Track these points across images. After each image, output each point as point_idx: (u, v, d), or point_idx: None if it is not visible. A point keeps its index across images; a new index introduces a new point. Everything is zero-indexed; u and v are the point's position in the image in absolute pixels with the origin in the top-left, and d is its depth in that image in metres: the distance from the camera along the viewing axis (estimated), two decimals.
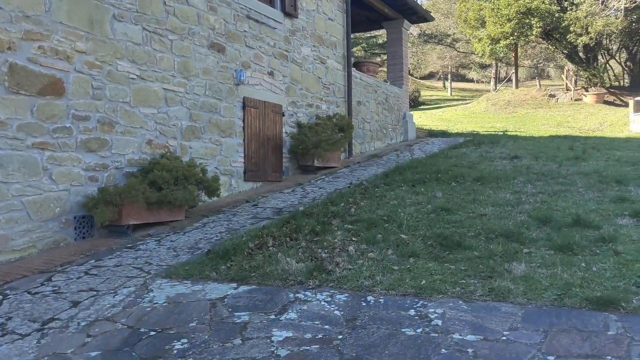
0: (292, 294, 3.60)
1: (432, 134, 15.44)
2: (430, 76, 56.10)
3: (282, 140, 8.71)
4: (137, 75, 6.05)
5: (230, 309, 3.43)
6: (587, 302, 3.16)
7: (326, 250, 4.49)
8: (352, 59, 11.60)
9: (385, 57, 20.29)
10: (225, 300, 3.58)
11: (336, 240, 4.76)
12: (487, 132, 16.44)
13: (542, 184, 6.66)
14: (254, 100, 8.11)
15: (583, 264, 3.83)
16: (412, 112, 26.06)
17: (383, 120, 12.50)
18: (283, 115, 8.76)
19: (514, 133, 16.40)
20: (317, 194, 7.26)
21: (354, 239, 4.81)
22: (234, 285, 3.83)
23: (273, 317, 3.28)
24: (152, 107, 6.26)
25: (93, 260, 4.61)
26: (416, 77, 53.69)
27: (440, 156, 9.60)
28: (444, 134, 15.47)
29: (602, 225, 4.81)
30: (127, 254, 4.81)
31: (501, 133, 15.87)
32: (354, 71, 11.18)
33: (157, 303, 3.57)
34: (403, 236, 4.79)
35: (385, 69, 14.55)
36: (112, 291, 3.82)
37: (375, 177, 7.88)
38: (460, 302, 3.31)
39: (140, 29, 6.12)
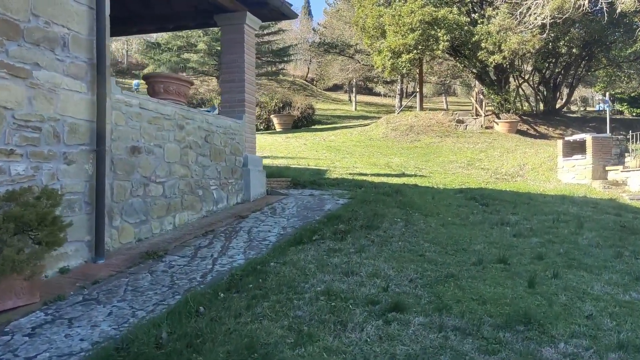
0: None
1: (297, 182, 10.60)
2: (337, 88, 52.05)
3: None
4: None
5: None
6: None
7: None
8: (135, 72, 6.42)
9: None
10: None
11: None
12: (377, 179, 11.91)
13: None
14: None
15: None
16: (296, 136, 21.18)
17: (198, 175, 7.45)
18: None
19: (413, 180, 12.00)
20: None
21: None
22: None
23: None
24: None
25: None
26: (321, 89, 49.50)
27: (250, 284, 4.66)
28: (314, 182, 10.68)
29: None
30: None
31: (395, 182, 11.37)
32: (123, 95, 6.03)
33: None
34: None
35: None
36: None
37: None
38: None
39: None
